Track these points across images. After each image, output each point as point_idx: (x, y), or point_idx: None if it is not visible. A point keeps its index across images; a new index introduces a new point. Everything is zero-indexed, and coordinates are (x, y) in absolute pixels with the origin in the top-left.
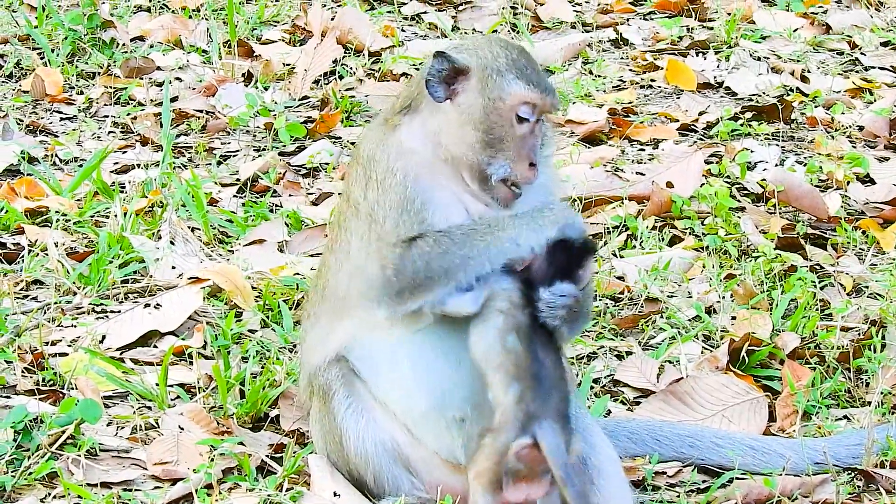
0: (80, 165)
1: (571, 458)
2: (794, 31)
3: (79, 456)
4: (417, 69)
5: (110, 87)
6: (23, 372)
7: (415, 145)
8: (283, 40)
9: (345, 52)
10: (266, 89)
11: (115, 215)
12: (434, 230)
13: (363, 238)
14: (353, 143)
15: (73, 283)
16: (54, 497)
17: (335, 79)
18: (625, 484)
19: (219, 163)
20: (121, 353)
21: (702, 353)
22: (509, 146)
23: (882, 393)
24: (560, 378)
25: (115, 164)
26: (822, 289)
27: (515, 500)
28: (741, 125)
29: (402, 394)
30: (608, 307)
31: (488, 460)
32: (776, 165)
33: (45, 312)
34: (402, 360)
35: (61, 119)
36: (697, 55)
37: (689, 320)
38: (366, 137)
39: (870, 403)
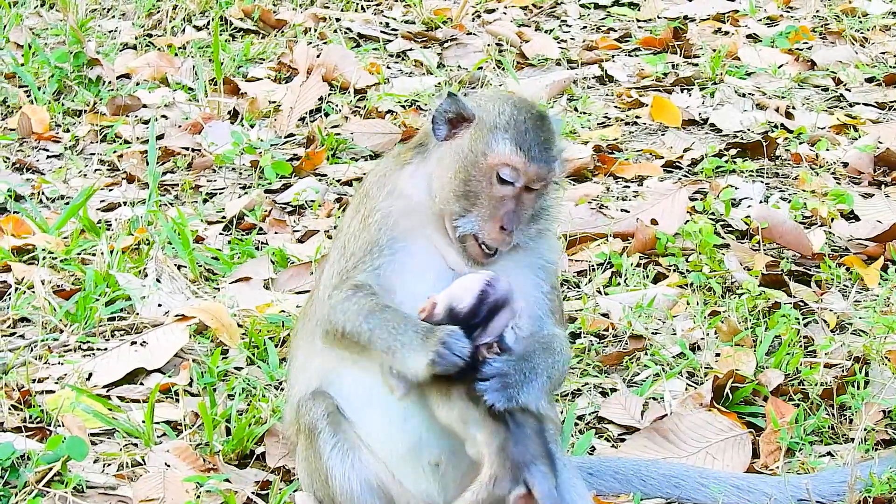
0: (67, 203)
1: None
2: (779, 67)
3: (66, 493)
4: (403, 107)
5: (96, 125)
6: (10, 409)
7: (410, 189)
8: (269, 78)
9: (330, 90)
10: (252, 127)
11: (102, 253)
12: (369, 290)
13: (331, 265)
14: (338, 181)
15: (60, 320)
16: None
17: (321, 116)
18: None
19: (205, 200)
20: (107, 391)
21: (686, 389)
22: (483, 204)
23: (865, 429)
24: (528, 413)
25: (101, 201)
26: (805, 325)
27: None
28: (726, 162)
29: (380, 437)
30: (592, 344)
31: None
32: (760, 202)
33: (31, 350)
34: (377, 406)
35: (48, 157)
36: (682, 92)
37: (674, 357)
38: (375, 169)
39: (853, 440)
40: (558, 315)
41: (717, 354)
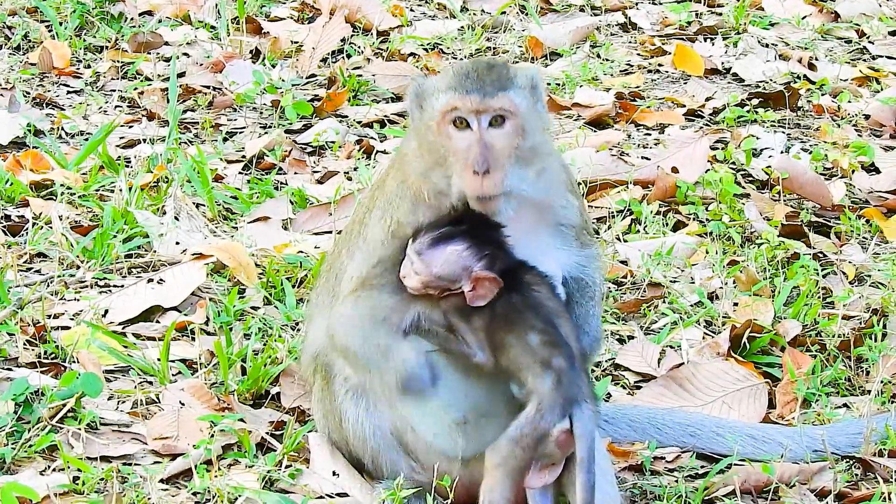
0: (86, 139)
1: None
2: (803, 18)
3: (79, 429)
4: (426, 50)
5: (118, 62)
6: (25, 344)
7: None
8: (292, 18)
9: (353, 31)
10: (273, 66)
11: (120, 190)
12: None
13: (382, 229)
14: (359, 123)
15: (77, 256)
16: (54, 470)
17: (343, 57)
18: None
19: (225, 139)
20: (123, 328)
21: (703, 338)
22: (454, 161)
23: (882, 382)
24: (583, 355)
25: (121, 138)
26: (824, 277)
27: (535, 486)
28: (747, 112)
29: (403, 395)
30: (611, 291)
31: (520, 447)
32: (781, 152)
33: (48, 285)
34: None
35: (68, 92)
36: (705, 41)
37: (691, 306)
38: (396, 167)
39: (869, 392)
40: (587, 238)
41: (735, 304)
